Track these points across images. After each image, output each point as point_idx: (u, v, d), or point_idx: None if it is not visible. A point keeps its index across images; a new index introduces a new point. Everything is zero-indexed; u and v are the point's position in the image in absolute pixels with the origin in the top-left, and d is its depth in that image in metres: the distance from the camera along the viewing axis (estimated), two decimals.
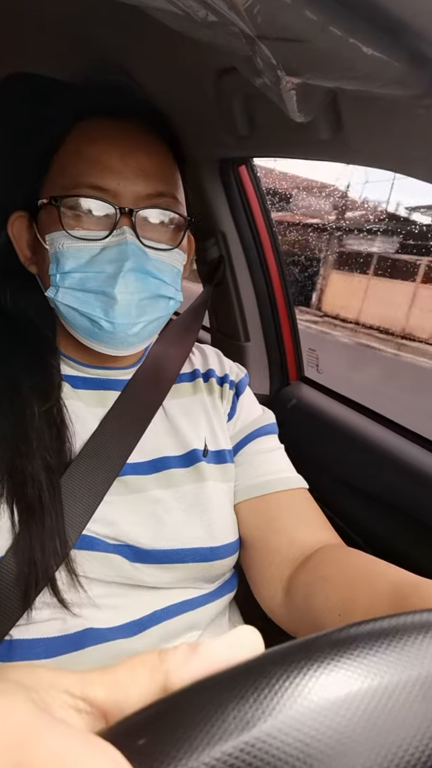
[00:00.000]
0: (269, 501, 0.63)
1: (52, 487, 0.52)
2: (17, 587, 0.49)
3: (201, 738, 0.15)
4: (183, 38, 0.39)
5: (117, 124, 0.56)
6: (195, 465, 0.62)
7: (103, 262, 0.54)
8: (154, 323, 0.59)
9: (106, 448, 0.57)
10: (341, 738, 0.15)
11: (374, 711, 0.16)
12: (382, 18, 0.35)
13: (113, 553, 0.54)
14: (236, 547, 0.63)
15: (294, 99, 0.43)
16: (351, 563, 0.54)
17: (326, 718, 0.16)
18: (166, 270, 0.57)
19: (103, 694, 0.17)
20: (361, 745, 0.16)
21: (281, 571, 0.59)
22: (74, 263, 0.55)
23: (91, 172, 0.54)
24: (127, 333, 0.56)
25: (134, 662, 0.18)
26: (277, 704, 0.16)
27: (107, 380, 0.63)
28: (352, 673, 0.17)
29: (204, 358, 0.73)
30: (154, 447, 0.61)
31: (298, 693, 0.16)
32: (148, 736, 0.15)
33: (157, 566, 0.56)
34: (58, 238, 0.55)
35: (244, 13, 0.33)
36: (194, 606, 0.59)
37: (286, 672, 0.17)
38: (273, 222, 1.15)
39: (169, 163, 0.59)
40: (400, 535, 0.85)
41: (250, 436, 0.68)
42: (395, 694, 0.17)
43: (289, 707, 0.16)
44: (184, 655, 0.18)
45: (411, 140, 0.55)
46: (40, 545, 0.50)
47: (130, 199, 0.55)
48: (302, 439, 1.03)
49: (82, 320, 0.56)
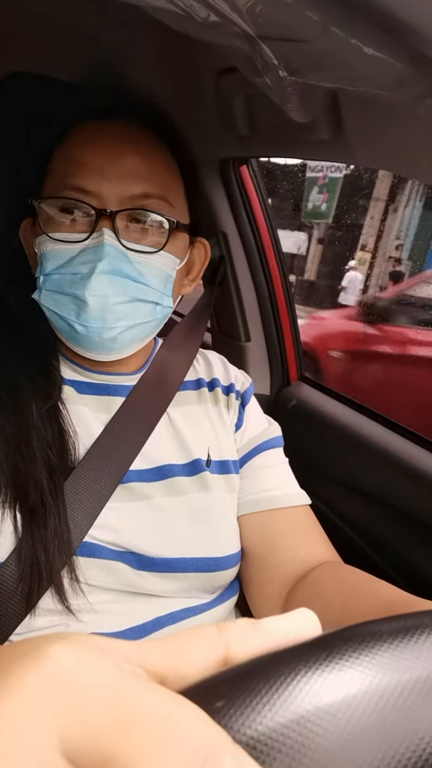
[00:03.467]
0: (273, 517, 0.63)
1: (55, 489, 0.52)
2: (20, 589, 0.49)
3: (277, 702, 0.16)
4: (183, 38, 0.39)
5: (109, 125, 0.56)
6: (199, 474, 0.61)
7: (79, 263, 0.53)
8: (137, 328, 0.58)
9: (111, 453, 0.57)
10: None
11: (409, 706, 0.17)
12: (383, 18, 0.35)
13: (116, 560, 0.54)
14: (239, 558, 0.62)
15: (295, 99, 0.43)
16: (346, 580, 0.54)
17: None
18: (150, 273, 0.56)
19: (161, 661, 0.17)
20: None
21: (280, 589, 0.59)
22: (53, 265, 0.54)
23: (76, 174, 0.54)
24: (102, 337, 0.55)
25: (191, 633, 0.19)
26: (341, 680, 0.17)
27: (112, 386, 0.62)
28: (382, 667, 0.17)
29: (208, 367, 0.72)
30: (158, 454, 0.61)
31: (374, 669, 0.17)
32: (226, 700, 0.16)
33: (160, 575, 0.56)
34: (42, 241, 0.55)
35: (246, 14, 0.33)
36: (197, 612, 0.58)
37: (353, 649, 0.17)
38: (274, 222, 1.15)
39: (163, 164, 0.58)
40: (401, 535, 0.85)
41: (256, 449, 0.68)
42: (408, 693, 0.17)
43: (354, 685, 0.17)
44: (246, 629, 0.19)
45: (411, 140, 0.55)
46: (42, 547, 0.50)
47: (114, 200, 0.54)
48: (303, 439, 1.02)
49: (61, 323, 0.56)
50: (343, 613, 0.49)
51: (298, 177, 8.57)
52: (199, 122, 0.81)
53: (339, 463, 0.98)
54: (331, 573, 0.57)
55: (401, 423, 0.95)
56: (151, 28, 0.67)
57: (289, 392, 1.16)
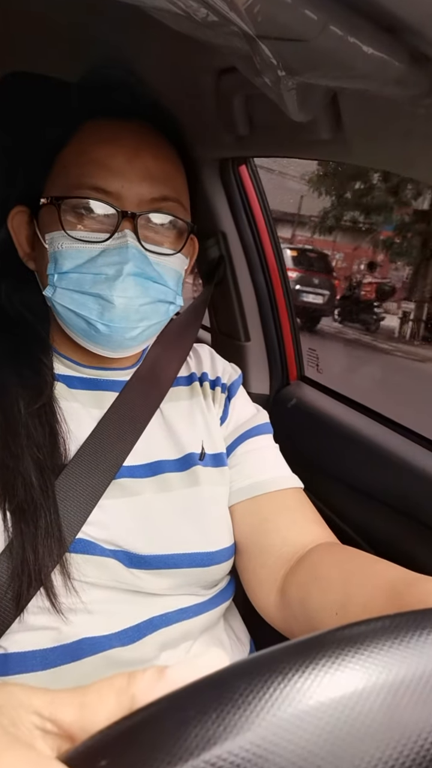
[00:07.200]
0: (261, 502, 0.63)
1: (45, 486, 0.52)
2: (10, 589, 0.49)
3: (162, 758, 0.15)
4: (183, 38, 0.39)
5: (124, 125, 0.56)
6: (191, 469, 0.61)
7: (103, 264, 0.54)
8: (153, 327, 0.59)
9: (103, 449, 0.57)
10: (304, 752, 0.15)
11: (338, 722, 0.16)
12: (383, 17, 0.35)
13: (109, 557, 0.54)
14: (232, 551, 0.62)
15: (294, 98, 0.43)
16: (346, 561, 0.54)
17: (289, 732, 0.15)
18: (167, 274, 0.57)
19: (71, 716, 0.18)
20: (325, 758, 0.15)
21: (275, 572, 0.59)
22: (72, 264, 0.54)
23: (95, 174, 0.54)
24: (124, 336, 0.56)
25: (103, 685, 0.19)
26: (240, 719, 0.15)
27: (105, 381, 0.62)
28: (318, 684, 0.16)
29: (198, 361, 0.72)
30: (150, 450, 0.61)
31: (261, 707, 0.16)
32: (110, 758, 0.15)
33: (153, 571, 0.55)
34: (57, 238, 0.55)
35: (245, 13, 0.33)
36: (190, 614, 0.58)
37: (249, 686, 0.16)
38: (273, 222, 1.15)
39: (175, 166, 0.59)
40: (401, 534, 0.85)
41: (242, 436, 0.68)
42: (360, 703, 0.16)
43: (252, 722, 0.15)
44: (151, 679, 0.19)
45: (411, 140, 0.55)
46: (32, 546, 0.49)
47: (134, 202, 0.54)
48: (302, 438, 1.02)
49: (78, 321, 0.56)
50: (344, 596, 0.49)
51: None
52: (199, 122, 0.82)
53: (339, 462, 0.98)
54: (329, 555, 0.56)
55: None
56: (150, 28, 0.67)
57: (289, 392, 1.16)
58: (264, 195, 1.12)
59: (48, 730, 0.18)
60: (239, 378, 0.73)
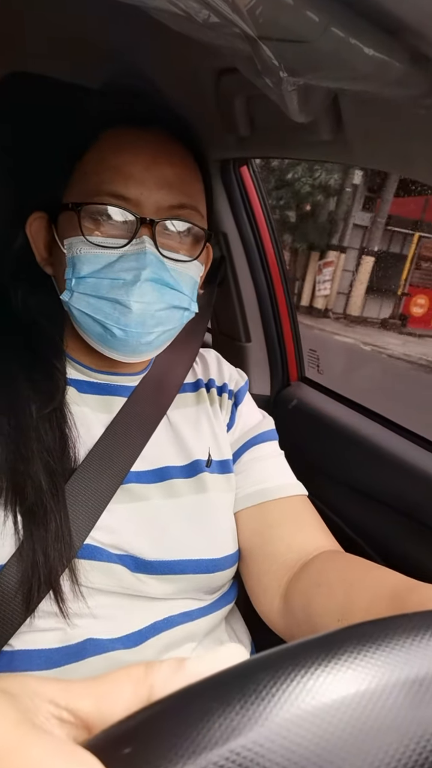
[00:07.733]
0: (267, 509, 0.63)
1: (55, 490, 0.52)
2: (20, 592, 0.49)
3: (186, 746, 0.15)
4: (183, 38, 0.39)
5: (142, 133, 0.57)
6: (198, 476, 0.62)
7: (120, 269, 0.54)
8: (168, 333, 0.59)
9: (112, 454, 0.57)
10: (328, 744, 0.15)
11: (361, 716, 0.16)
12: (384, 19, 0.35)
13: (115, 562, 0.54)
14: (237, 558, 0.63)
15: (295, 99, 0.43)
16: (348, 568, 0.54)
17: (313, 725, 0.16)
18: (183, 281, 0.57)
19: (87, 705, 0.18)
20: (348, 750, 0.15)
21: (279, 578, 0.59)
22: (90, 269, 0.55)
23: (115, 181, 0.54)
24: (140, 341, 0.56)
25: (120, 675, 0.19)
26: (264, 711, 0.15)
27: (114, 386, 0.63)
28: (341, 678, 0.17)
29: (205, 367, 0.73)
30: (157, 456, 0.61)
31: (285, 699, 0.16)
32: (134, 745, 0.15)
33: (159, 577, 0.56)
34: (76, 243, 0.55)
35: (246, 14, 0.33)
36: (193, 618, 0.58)
37: (273, 678, 0.16)
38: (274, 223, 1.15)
39: (193, 174, 0.59)
40: (401, 535, 0.85)
41: (248, 443, 0.68)
42: (383, 698, 0.17)
43: (275, 714, 0.16)
44: (169, 670, 0.19)
45: (412, 140, 0.55)
46: (43, 549, 0.50)
47: (152, 209, 0.55)
48: (303, 439, 1.03)
49: (94, 326, 0.56)
50: (347, 602, 0.49)
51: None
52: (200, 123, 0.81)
53: (339, 463, 0.98)
54: (331, 562, 0.56)
55: None
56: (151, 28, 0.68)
57: (290, 392, 1.16)
58: (264, 196, 1.12)
59: (64, 719, 0.17)
60: (246, 384, 0.73)
